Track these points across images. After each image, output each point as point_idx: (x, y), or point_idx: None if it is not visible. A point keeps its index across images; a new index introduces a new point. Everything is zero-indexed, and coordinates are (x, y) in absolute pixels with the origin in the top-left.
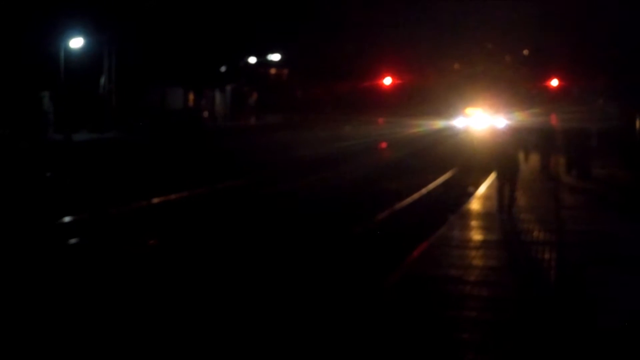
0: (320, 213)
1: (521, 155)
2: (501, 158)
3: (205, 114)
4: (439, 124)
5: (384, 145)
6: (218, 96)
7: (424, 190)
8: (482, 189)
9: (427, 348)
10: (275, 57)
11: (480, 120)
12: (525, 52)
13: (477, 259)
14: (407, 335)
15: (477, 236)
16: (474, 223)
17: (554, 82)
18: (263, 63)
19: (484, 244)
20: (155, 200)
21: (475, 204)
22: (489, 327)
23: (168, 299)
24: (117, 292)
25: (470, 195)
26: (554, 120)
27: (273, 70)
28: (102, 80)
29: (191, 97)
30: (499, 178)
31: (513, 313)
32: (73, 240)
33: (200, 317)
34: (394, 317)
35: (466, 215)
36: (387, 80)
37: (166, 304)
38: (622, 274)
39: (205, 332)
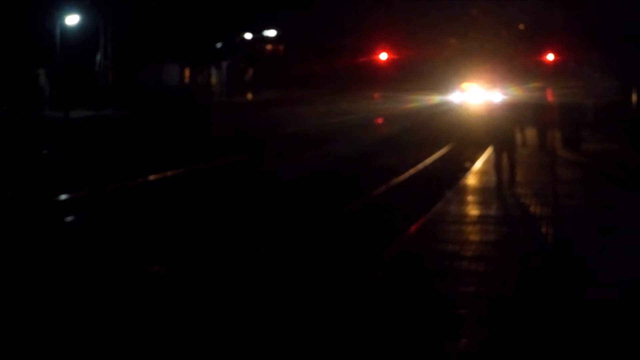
0: (316, 188)
1: (518, 131)
2: (498, 133)
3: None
4: (435, 99)
5: (380, 120)
6: (214, 72)
7: (420, 166)
8: (479, 164)
9: (424, 323)
10: (271, 32)
11: (477, 95)
12: (521, 26)
13: (473, 234)
14: (404, 311)
15: (473, 211)
16: (470, 198)
17: (550, 57)
18: (259, 39)
19: (480, 219)
20: (152, 177)
21: (471, 179)
22: (486, 302)
23: (160, 275)
24: (111, 276)
25: (466, 170)
26: (550, 95)
27: (269, 46)
28: (98, 57)
29: (187, 73)
30: (496, 153)
31: (510, 288)
32: (69, 219)
33: (193, 295)
34: (390, 293)
35: (463, 191)
36: (383, 56)
37: (158, 279)
38: (618, 246)
39: (197, 311)
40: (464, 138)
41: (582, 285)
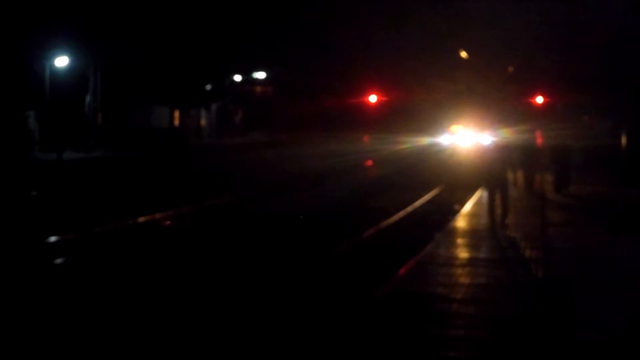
0: (305, 230)
1: (509, 173)
2: (490, 175)
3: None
4: (424, 141)
5: (369, 162)
6: (204, 114)
7: (410, 208)
8: (468, 206)
9: None
10: (260, 75)
11: (466, 137)
12: (510, 69)
13: (463, 277)
14: (393, 353)
15: (463, 254)
16: (460, 241)
17: (539, 99)
18: (248, 81)
19: (470, 261)
20: (141, 219)
21: (461, 222)
22: (477, 344)
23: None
24: (100, 316)
25: (456, 212)
26: (539, 137)
27: (258, 88)
28: (88, 99)
29: (177, 115)
30: (489, 194)
31: (500, 330)
32: (58, 260)
33: (187, 342)
34: (380, 335)
35: (452, 233)
36: (373, 98)
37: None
38: (609, 288)
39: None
40: (453, 180)
41: (572, 327)
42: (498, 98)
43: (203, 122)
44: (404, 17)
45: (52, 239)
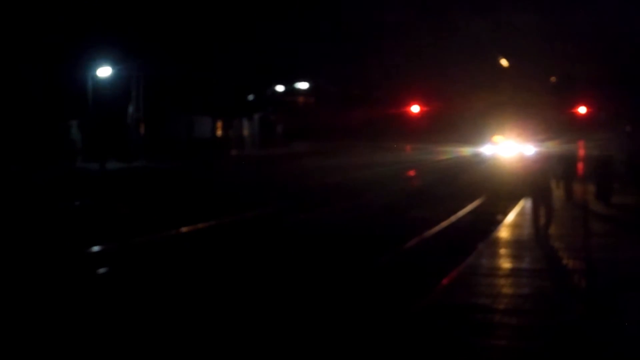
0: (348, 240)
1: (552, 183)
2: (533, 185)
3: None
4: (466, 151)
5: (412, 172)
6: (246, 124)
7: (452, 218)
8: (511, 216)
9: None
10: (303, 85)
11: (508, 147)
12: (553, 78)
13: (506, 287)
14: None
15: (506, 264)
16: (502, 251)
17: (582, 109)
18: (291, 91)
19: (513, 272)
20: (184, 229)
21: (504, 232)
22: (519, 355)
23: (191, 338)
24: (143, 327)
25: (499, 223)
26: (581, 147)
27: (301, 98)
28: (130, 109)
29: (219, 125)
30: (533, 205)
31: (543, 341)
32: (101, 270)
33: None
34: (422, 345)
35: (495, 243)
36: (415, 108)
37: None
38: None
39: None
40: (496, 190)
41: (616, 339)
42: (540, 108)
43: (245, 132)
44: (447, 27)
45: (95, 248)
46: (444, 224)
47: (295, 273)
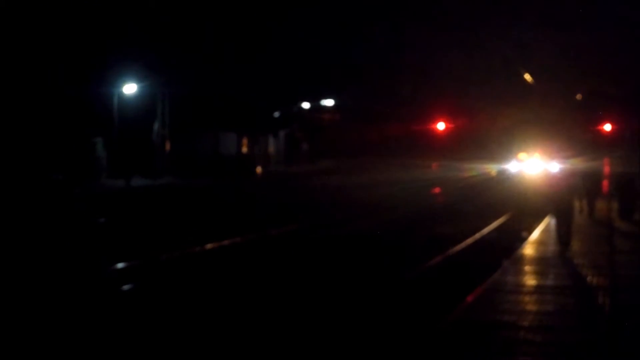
0: (372, 257)
1: (576, 201)
2: (557, 202)
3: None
4: (492, 168)
5: (437, 189)
6: (271, 141)
7: (477, 235)
8: (536, 234)
9: None
10: (328, 102)
11: (534, 164)
12: (579, 96)
13: (530, 304)
14: None
15: (530, 281)
16: (527, 268)
17: (607, 127)
18: (316, 108)
19: (537, 289)
20: (208, 246)
21: (528, 249)
22: None
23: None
24: (166, 344)
25: (523, 240)
26: (606, 165)
27: (326, 116)
28: (155, 125)
29: (245, 142)
30: (557, 222)
31: (568, 358)
32: (125, 287)
33: None
34: None
35: (520, 261)
36: (441, 125)
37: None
38: None
39: None
40: (521, 208)
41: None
42: (566, 125)
43: (271, 149)
44: (473, 44)
45: (119, 265)
46: (469, 241)
47: (322, 290)
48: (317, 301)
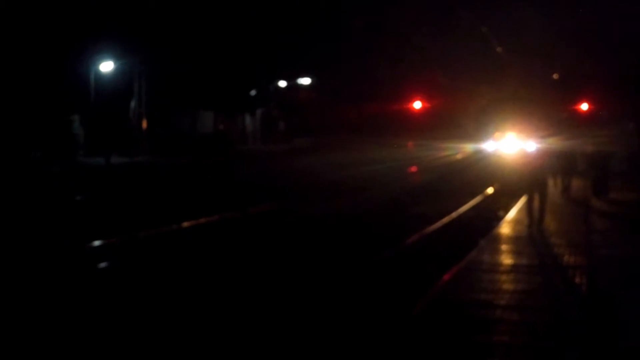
0: (349, 237)
1: (549, 179)
2: (530, 180)
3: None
4: (468, 147)
5: (413, 168)
6: (248, 120)
7: (454, 214)
8: (513, 213)
9: None
10: (305, 81)
11: (510, 143)
12: (555, 75)
13: (507, 283)
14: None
15: (507, 260)
16: (504, 247)
17: (584, 106)
18: (293, 87)
19: (514, 267)
20: (186, 224)
21: (505, 228)
22: (520, 351)
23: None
24: (145, 320)
25: (500, 219)
26: (581, 144)
27: (303, 94)
28: (132, 103)
29: (221, 120)
30: (528, 199)
31: (544, 337)
32: (102, 264)
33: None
34: (423, 341)
35: (496, 239)
36: (417, 104)
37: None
38: None
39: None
40: (497, 187)
41: (615, 335)
42: (543, 105)
43: (248, 127)
44: (448, 23)
45: (96, 243)
46: (446, 220)
47: (298, 266)
48: (294, 280)
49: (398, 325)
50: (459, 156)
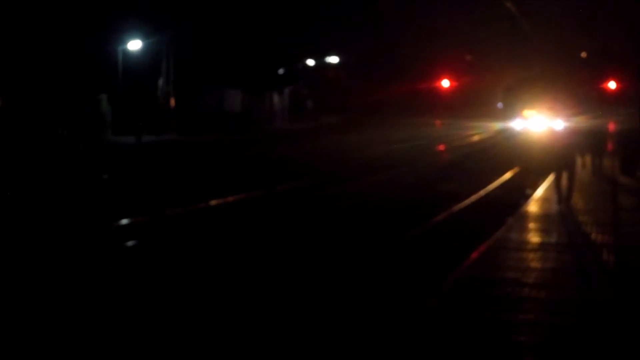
0: (377, 215)
1: (578, 157)
2: (558, 158)
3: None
4: (496, 126)
5: (441, 147)
6: (276, 98)
7: (482, 192)
8: (540, 191)
9: (484, 351)
10: (333, 59)
11: (538, 122)
12: (583, 54)
13: (535, 262)
14: (464, 338)
15: (535, 238)
16: (532, 225)
17: (612, 84)
18: (321, 65)
19: (542, 246)
20: (213, 202)
21: (533, 206)
22: (547, 329)
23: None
24: (173, 298)
25: (528, 197)
26: (610, 122)
27: (331, 73)
28: (160, 82)
29: (249, 99)
30: (555, 176)
31: (571, 316)
32: (130, 243)
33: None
34: (450, 319)
35: (524, 218)
36: (445, 83)
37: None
38: None
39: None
40: (525, 165)
41: None
42: (570, 83)
43: (275, 106)
44: (477, 1)
45: (123, 221)
46: (474, 198)
47: (327, 245)
48: (320, 258)
49: (427, 303)
50: (486, 134)
